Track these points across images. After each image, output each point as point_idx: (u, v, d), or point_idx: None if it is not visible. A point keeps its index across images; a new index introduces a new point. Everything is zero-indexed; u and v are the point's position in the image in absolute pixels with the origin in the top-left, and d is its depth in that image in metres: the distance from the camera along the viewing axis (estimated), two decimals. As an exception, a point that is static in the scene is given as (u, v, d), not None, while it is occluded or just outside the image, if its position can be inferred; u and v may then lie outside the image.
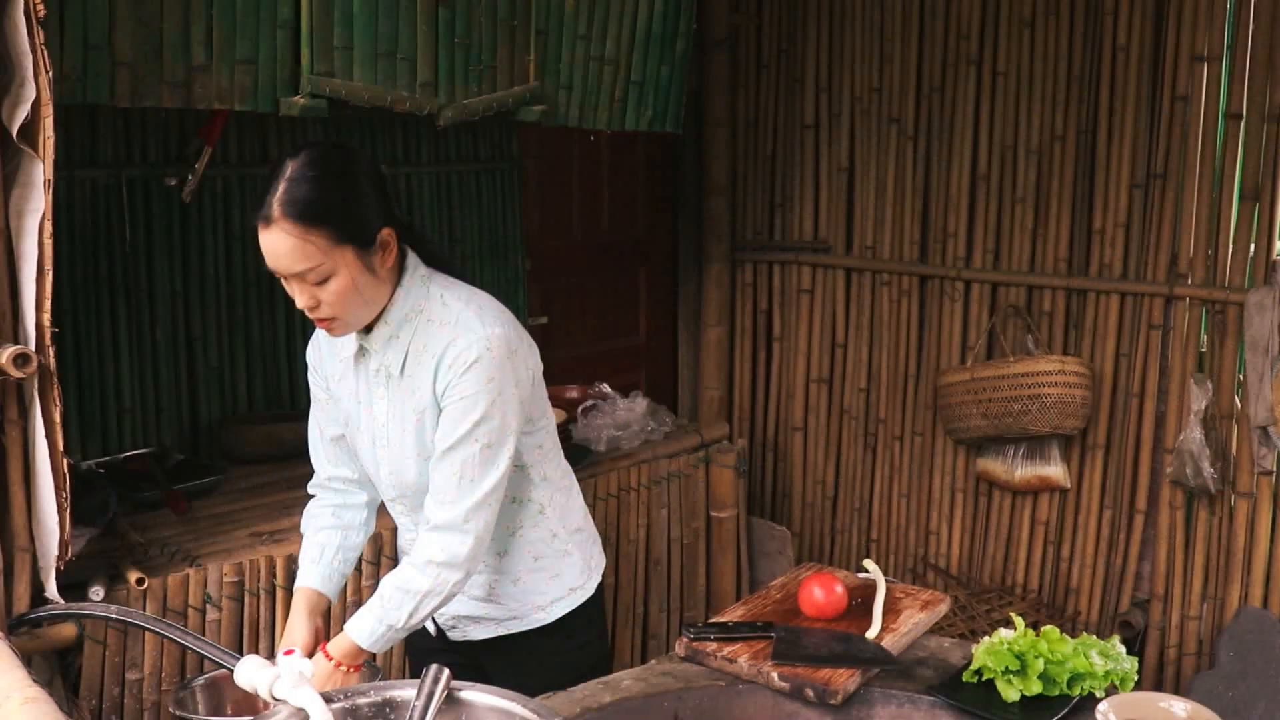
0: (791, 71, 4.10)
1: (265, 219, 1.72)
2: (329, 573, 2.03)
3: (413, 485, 1.96)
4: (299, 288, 1.78)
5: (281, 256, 1.73)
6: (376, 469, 2.01)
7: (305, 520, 2.12)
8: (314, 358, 2.07)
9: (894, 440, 4.01)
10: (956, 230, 3.77)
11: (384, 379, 1.93)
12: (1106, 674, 1.72)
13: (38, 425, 1.97)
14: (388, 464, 1.97)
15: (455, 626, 2.10)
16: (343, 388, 2.01)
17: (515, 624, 2.07)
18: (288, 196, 1.71)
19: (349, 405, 2.01)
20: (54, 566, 2.04)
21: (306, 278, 1.75)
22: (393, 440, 1.95)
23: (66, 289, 2.94)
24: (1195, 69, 3.21)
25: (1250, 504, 3.21)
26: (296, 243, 1.72)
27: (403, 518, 2.08)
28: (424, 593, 1.84)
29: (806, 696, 1.76)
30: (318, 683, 1.76)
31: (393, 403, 1.93)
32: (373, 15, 2.58)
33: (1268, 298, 3.07)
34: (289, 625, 1.98)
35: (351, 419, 2.01)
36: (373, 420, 1.96)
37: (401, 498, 2.02)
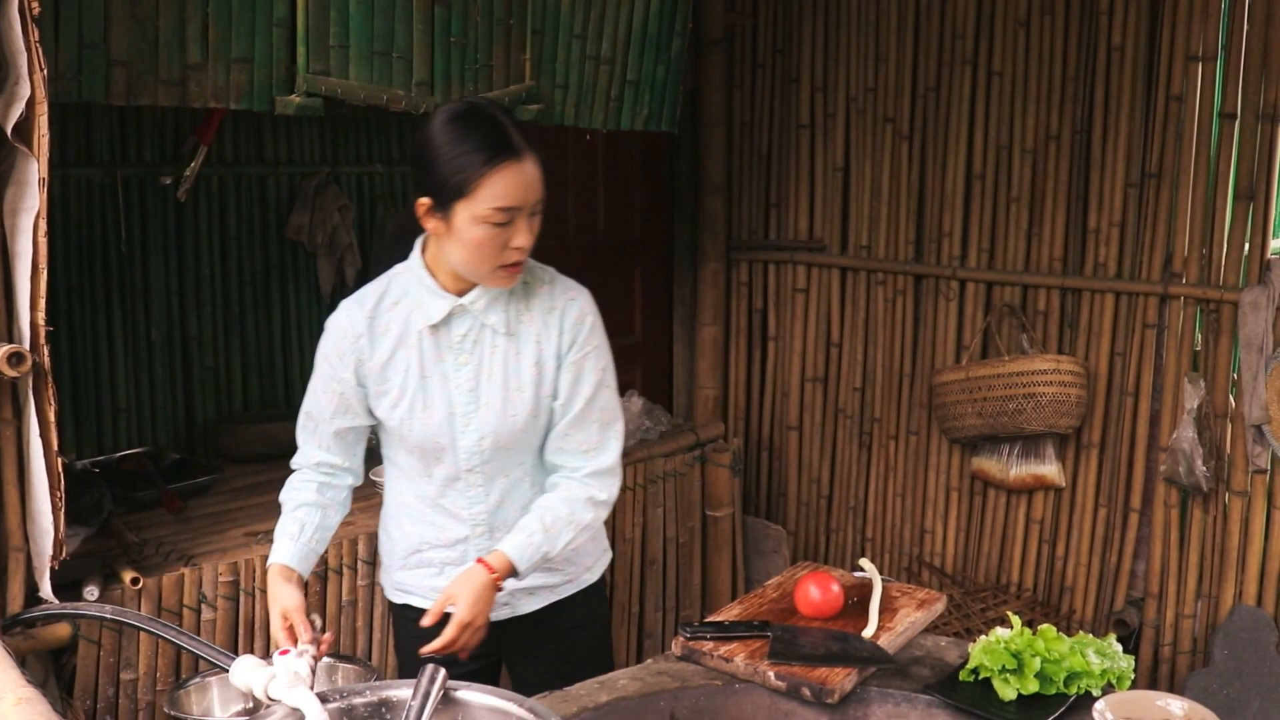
0: (787, 71, 4.10)
1: (517, 152, 1.83)
2: (305, 552, 1.99)
3: (510, 444, 1.98)
4: (525, 225, 1.86)
5: (532, 186, 1.85)
6: (453, 438, 1.97)
7: (286, 493, 2.07)
8: (345, 347, 1.97)
9: (889, 439, 4.01)
10: (951, 229, 3.77)
11: (480, 342, 1.96)
12: (1103, 673, 1.72)
13: (32, 424, 1.96)
14: (478, 429, 1.96)
15: (507, 603, 2.06)
16: (394, 368, 1.96)
17: (568, 588, 2.12)
18: (521, 131, 1.86)
19: (404, 383, 1.96)
20: (48, 566, 2.03)
21: (536, 210, 1.88)
22: (493, 402, 1.96)
23: (62, 288, 2.94)
24: (1190, 69, 3.22)
25: (1244, 502, 3.21)
26: (538, 172, 1.86)
27: (474, 489, 2.02)
28: (584, 525, 1.98)
29: (803, 695, 1.77)
30: (472, 595, 1.86)
31: (495, 363, 1.96)
32: (368, 14, 2.57)
33: (1262, 297, 3.08)
34: (276, 593, 1.89)
35: (405, 395, 1.96)
36: (452, 388, 1.96)
37: (483, 465, 2.00)
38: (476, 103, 1.90)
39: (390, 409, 1.98)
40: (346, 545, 2.63)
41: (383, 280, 2.02)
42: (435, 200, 1.85)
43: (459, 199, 1.82)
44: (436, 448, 1.99)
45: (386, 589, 2.19)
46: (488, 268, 1.88)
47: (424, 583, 2.09)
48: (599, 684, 1.81)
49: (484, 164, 1.80)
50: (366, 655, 2.70)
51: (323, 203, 3.38)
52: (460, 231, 1.84)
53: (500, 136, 1.82)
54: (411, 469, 2.05)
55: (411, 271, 1.98)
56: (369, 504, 2.85)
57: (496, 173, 1.80)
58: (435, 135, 1.85)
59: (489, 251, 1.85)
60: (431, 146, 1.85)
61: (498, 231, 1.83)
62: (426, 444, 1.98)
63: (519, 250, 1.87)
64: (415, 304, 1.96)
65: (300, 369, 3.50)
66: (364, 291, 2.01)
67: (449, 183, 1.82)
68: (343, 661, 2.49)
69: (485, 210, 1.81)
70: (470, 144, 1.81)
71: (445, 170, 1.82)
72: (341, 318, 1.99)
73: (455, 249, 1.88)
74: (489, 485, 2.02)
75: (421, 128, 1.90)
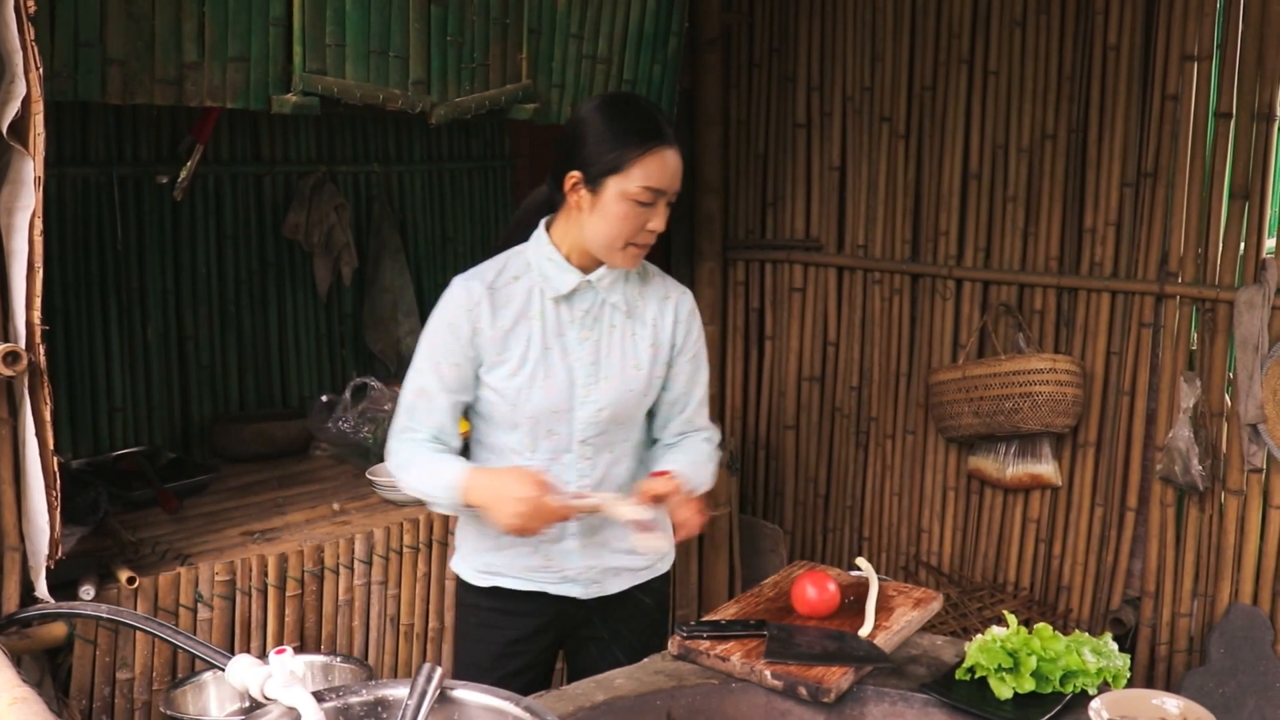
0: (783, 70, 4.10)
1: (669, 139, 1.96)
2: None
3: (625, 417, 2.09)
4: (663, 210, 1.98)
5: (676, 175, 1.98)
6: (570, 409, 2.04)
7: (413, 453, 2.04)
8: (462, 317, 2.02)
9: (886, 438, 4.02)
10: (948, 229, 3.78)
11: (600, 319, 2.06)
12: (1099, 671, 1.72)
13: (28, 423, 1.96)
14: (597, 401, 2.05)
15: (597, 581, 2.15)
16: (516, 338, 2.03)
17: (646, 573, 2.20)
18: (671, 124, 1.99)
19: (525, 353, 2.02)
20: (44, 565, 2.03)
21: (672, 200, 1.99)
22: (612, 376, 2.06)
23: (58, 287, 2.94)
24: (1185, 68, 3.22)
25: (1240, 501, 3.22)
26: (680, 165, 1.99)
27: (582, 461, 2.08)
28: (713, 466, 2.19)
29: (799, 695, 1.77)
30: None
31: (614, 340, 2.07)
32: (365, 13, 2.57)
33: (1257, 296, 3.08)
34: (507, 477, 1.93)
35: (526, 365, 2.02)
36: (573, 361, 2.04)
37: (597, 436, 2.08)
38: (631, 94, 2.05)
39: (509, 377, 2.03)
40: (344, 544, 2.63)
41: (499, 259, 2.09)
42: (586, 174, 1.96)
43: (612, 174, 1.93)
44: (553, 418, 2.04)
45: (467, 574, 2.18)
46: (620, 243, 1.98)
47: (517, 562, 2.12)
48: (595, 683, 1.81)
49: (640, 145, 1.92)
50: (363, 655, 2.70)
51: (319, 202, 3.38)
52: (605, 205, 1.95)
53: (655, 123, 1.96)
54: (513, 446, 2.08)
55: (536, 249, 2.06)
56: (365, 504, 2.85)
57: (650, 155, 1.93)
58: (594, 115, 1.97)
59: (628, 228, 1.96)
60: (590, 125, 1.97)
61: (640, 211, 1.95)
62: (542, 414, 2.04)
63: (652, 233, 1.99)
64: (540, 278, 2.04)
65: (297, 368, 3.50)
66: (480, 268, 2.08)
67: (604, 158, 1.94)
68: (339, 661, 2.50)
69: (635, 188, 1.93)
70: (628, 125, 1.94)
71: (602, 147, 1.94)
72: (458, 290, 2.04)
73: (595, 223, 1.98)
74: (596, 458, 2.09)
75: (578, 109, 2.05)
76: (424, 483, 2.02)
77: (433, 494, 2.01)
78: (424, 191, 3.76)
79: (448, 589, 2.84)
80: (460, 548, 2.21)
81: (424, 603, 2.81)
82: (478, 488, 1.95)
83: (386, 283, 3.59)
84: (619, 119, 1.96)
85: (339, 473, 3.11)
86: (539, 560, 2.10)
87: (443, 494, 1.99)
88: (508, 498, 1.90)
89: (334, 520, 2.74)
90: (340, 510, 2.80)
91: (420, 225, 3.75)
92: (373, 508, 2.83)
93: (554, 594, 2.13)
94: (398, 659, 2.77)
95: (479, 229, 3.91)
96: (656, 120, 1.97)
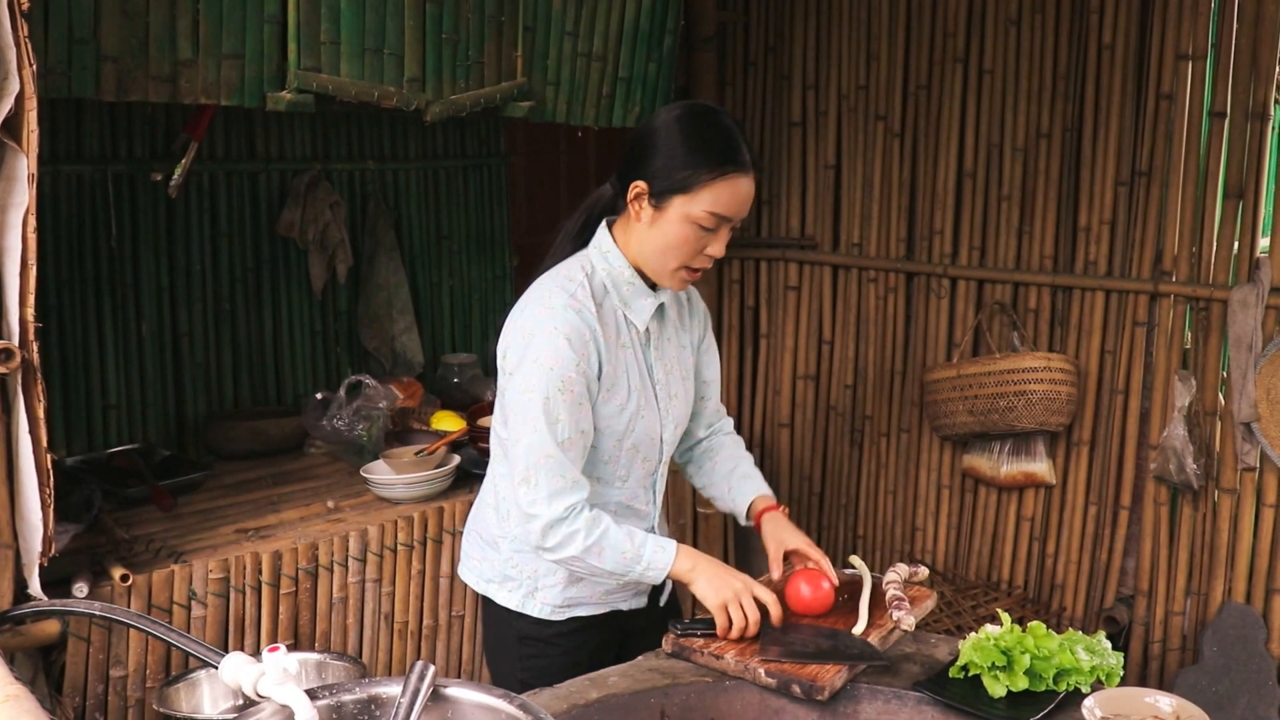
0: (779, 69, 4.10)
1: (745, 166, 1.86)
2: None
3: (680, 431, 2.12)
4: (724, 235, 1.90)
5: (746, 202, 1.89)
6: (659, 432, 2.03)
7: (597, 527, 1.88)
8: (591, 350, 1.88)
9: (880, 437, 4.02)
10: (943, 227, 3.78)
11: (662, 336, 2.05)
12: (1092, 669, 1.73)
13: (21, 421, 1.96)
14: (674, 420, 2.06)
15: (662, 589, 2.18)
16: (618, 369, 1.94)
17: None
18: (750, 148, 1.90)
19: (629, 383, 1.96)
20: (37, 563, 2.03)
21: (736, 226, 1.92)
22: (678, 392, 2.07)
23: (52, 284, 2.93)
24: (1180, 67, 3.22)
25: (1234, 500, 3.22)
26: (753, 192, 1.90)
27: (661, 481, 2.10)
28: None
29: (793, 693, 1.77)
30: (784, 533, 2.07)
31: (672, 355, 2.07)
32: (360, 10, 2.57)
33: (1251, 295, 3.09)
34: (724, 565, 1.95)
35: (633, 395, 1.96)
36: (654, 383, 2.02)
37: (668, 455, 2.10)
38: (714, 108, 1.92)
39: (619, 412, 1.94)
40: (338, 541, 2.63)
41: (576, 272, 1.95)
42: (652, 187, 1.87)
43: (679, 194, 1.85)
44: (649, 445, 2.02)
45: (541, 611, 2.05)
46: (673, 266, 1.91)
47: (597, 589, 2.06)
48: (589, 681, 1.81)
49: (714, 168, 1.83)
50: (357, 653, 2.70)
51: (314, 199, 3.38)
52: (666, 224, 1.87)
53: (733, 146, 1.85)
54: (600, 477, 2.00)
55: (611, 266, 1.95)
56: (360, 501, 2.85)
57: (723, 180, 1.84)
58: (672, 126, 1.87)
59: (685, 252, 1.88)
60: (662, 137, 1.87)
61: (700, 235, 1.87)
62: (641, 442, 2.00)
63: (709, 259, 1.91)
64: (621, 302, 1.96)
65: (292, 365, 3.49)
66: (569, 284, 1.92)
67: (674, 175, 1.84)
68: (333, 658, 2.50)
69: (700, 212, 1.84)
70: (705, 145, 1.84)
71: (674, 163, 1.85)
72: (573, 318, 1.87)
73: (653, 239, 1.89)
74: (664, 474, 2.11)
75: (653, 116, 1.93)
76: (618, 559, 1.89)
77: (626, 569, 1.90)
78: (419, 189, 3.76)
79: (442, 587, 2.84)
80: (523, 586, 2.05)
81: (418, 600, 2.81)
82: (693, 560, 1.92)
83: (381, 280, 3.59)
84: (696, 136, 1.85)
85: (333, 470, 3.11)
86: (613, 582, 2.01)
87: (646, 566, 1.90)
88: (726, 580, 1.90)
89: (328, 518, 2.74)
90: (334, 508, 2.80)
91: (415, 223, 3.75)
92: (367, 505, 2.83)
93: (625, 610, 2.12)
94: (392, 657, 2.77)
95: (474, 227, 3.91)
96: (735, 143, 1.86)
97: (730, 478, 2.21)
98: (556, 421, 1.84)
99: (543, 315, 1.87)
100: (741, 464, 2.24)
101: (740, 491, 2.20)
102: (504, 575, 2.08)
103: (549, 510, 1.85)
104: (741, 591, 1.88)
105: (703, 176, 1.83)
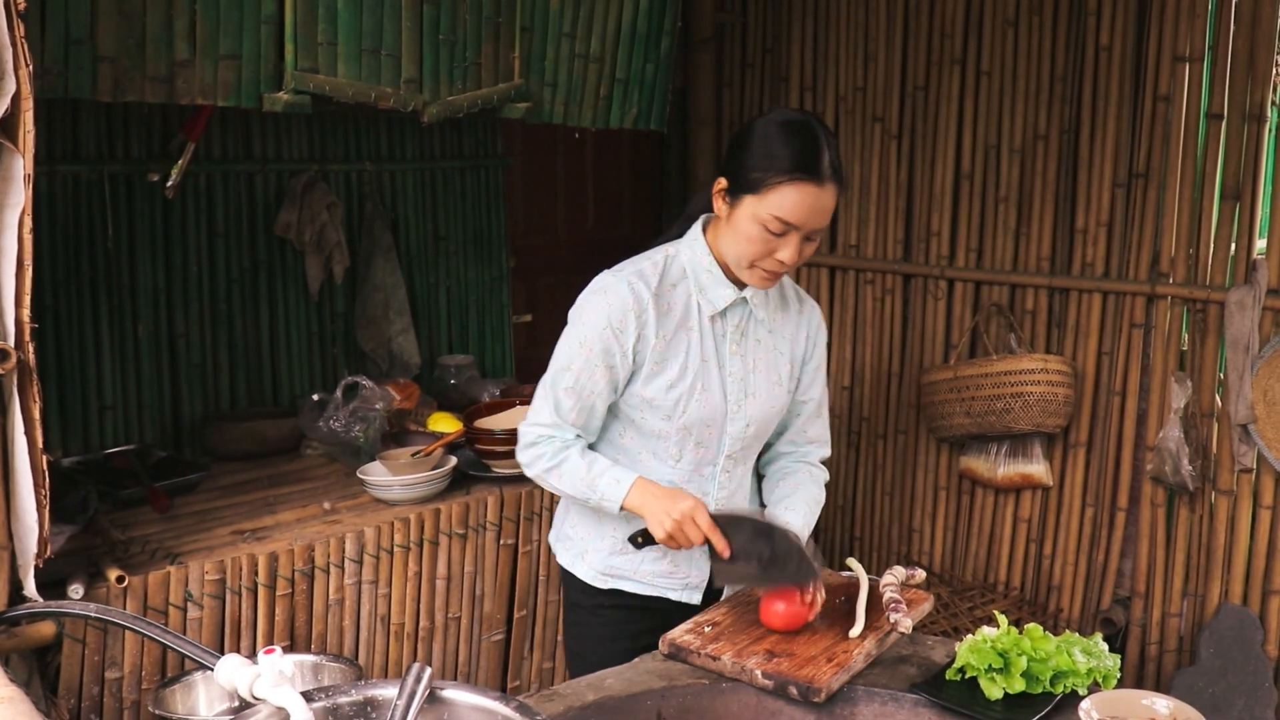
0: (776, 70, 4.10)
1: (819, 176, 1.86)
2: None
3: (765, 433, 2.13)
4: (796, 243, 1.90)
5: (818, 213, 1.89)
6: (722, 424, 2.05)
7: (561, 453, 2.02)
8: (629, 320, 1.97)
9: (877, 438, 4.02)
10: (940, 229, 3.78)
11: (747, 334, 2.06)
12: (1089, 671, 1.73)
13: (16, 422, 1.95)
14: (744, 417, 2.06)
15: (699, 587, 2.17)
16: (676, 348, 2.00)
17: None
18: (835, 158, 1.89)
19: (684, 363, 2.00)
20: (33, 564, 2.02)
21: (813, 236, 1.92)
22: (759, 392, 2.07)
23: (48, 285, 2.93)
24: (1177, 69, 3.23)
25: (1230, 501, 3.22)
26: (832, 203, 1.90)
27: (723, 475, 2.11)
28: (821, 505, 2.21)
29: (790, 694, 1.77)
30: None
31: (759, 355, 2.08)
32: (357, 11, 2.57)
33: (1248, 296, 3.09)
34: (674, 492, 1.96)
35: (686, 376, 2.00)
36: (726, 375, 2.04)
37: (740, 451, 2.10)
38: (811, 118, 1.93)
39: (667, 389, 2.01)
40: (334, 543, 2.63)
41: (657, 258, 2.04)
42: (731, 184, 1.93)
43: (750, 193, 1.89)
44: (704, 431, 2.04)
45: (585, 574, 2.17)
46: (745, 263, 1.95)
47: (642, 567, 2.13)
48: (586, 683, 1.81)
49: (784, 172, 1.86)
50: (353, 654, 2.70)
51: (311, 200, 3.38)
52: (738, 221, 1.92)
53: (813, 155, 1.86)
54: (652, 453, 2.07)
55: (694, 254, 2.03)
56: (356, 503, 2.84)
57: (791, 185, 1.86)
58: (762, 128, 1.91)
59: (753, 250, 1.92)
60: (750, 136, 1.92)
61: (768, 238, 1.90)
62: (694, 426, 2.03)
63: (780, 263, 1.93)
64: (697, 287, 2.02)
65: (288, 366, 3.49)
66: (640, 267, 2.02)
67: (748, 175, 1.89)
68: (329, 660, 2.50)
69: (766, 214, 1.88)
70: (783, 149, 1.87)
71: (749, 162, 1.89)
72: (623, 289, 1.97)
73: (728, 234, 1.96)
74: (733, 472, 2.12)
75: (755, 117, 1.98)
76: (576, 484, 2.00)
77: (584, 495, 2.01)
78: (416, 190, 3.75)
79: (439, 588, 2.84)
80: (576, 546, 2.18)
81: (415, 602, 2.80)
82: (642, 495, 1.96)
83: (378, 282, 3.58)
84: (780, 140, 1.88)
85: (330, 472, 3.10)
86: (666, 566, 2.12)
87: (601, 497, 1.98)
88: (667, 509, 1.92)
89: (325, 519, 2.74)
90: (331, 509, 2.80)
91: (412, 224, 3.75)
92: (363, 507, 2.83)
93: (675, 600, 2.14)
94: (388, 658, 2.77)
95: (471, 228, 3.91)
96: (818, 153, 1.87)
97: (779, 503, 2.17)
98: (567, 369, 2.00)
99: (602, 280, 2.02)
100: (798, 492, 2.17)
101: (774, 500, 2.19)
102: (564, 534, 2.22)
103: (529, 432, 2.05)
104: (684, 522, 1.92)
105: (773, 179, 1.86)
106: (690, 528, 1.92)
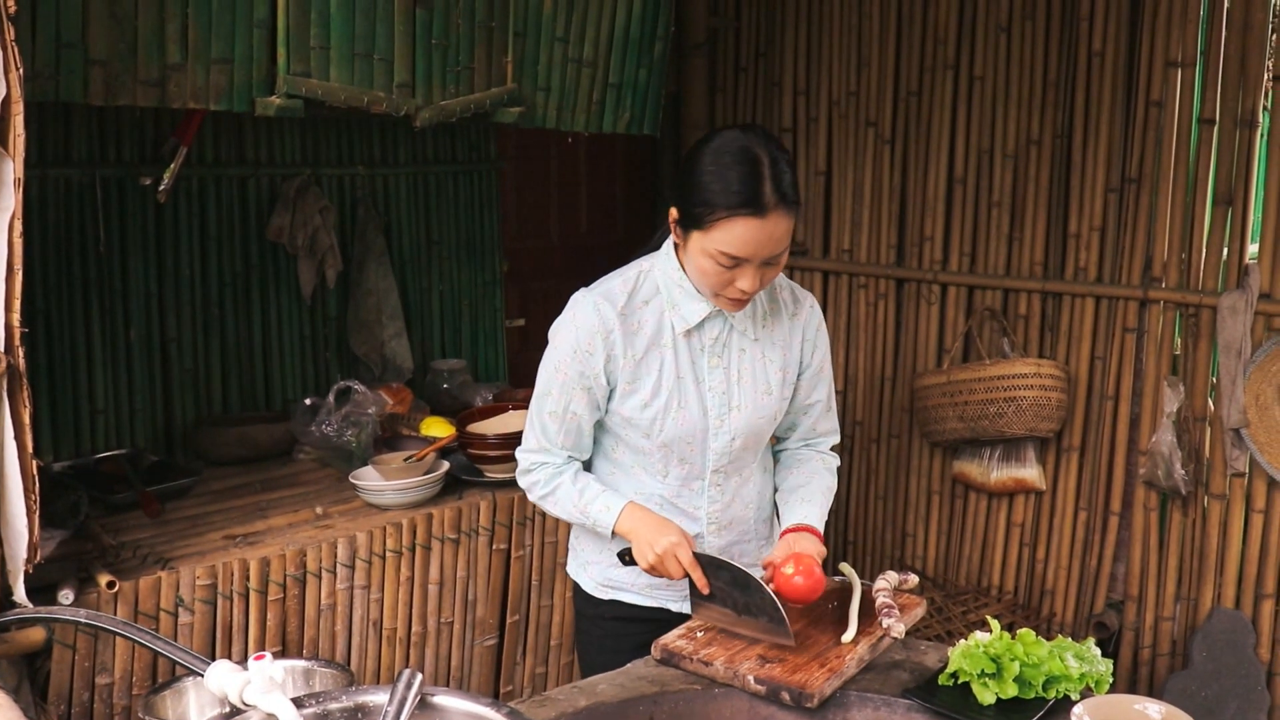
0: (769, 75, 4.11)
1: (763, 208, 1.80)
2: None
3: (753, 445, 2.08)
4: (753, 273, 1.86)
5: (768, 242, 1.83)
6: (704, 440, 2.03)
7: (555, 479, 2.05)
8: (597, 342, 1.96)
9: (870, 443, 4.02)
10: (933, 234, 3.79)
11: (729, 345, 2.02)
12: (1082, 676, 1.73)
13: (6, 426, 1.95)
14: (729, 432, 2.03)
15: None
16: (647, 366, 1.99)
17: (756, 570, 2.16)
18: (779, 183, 1.81)
19: (657, 381, 1.99)
20: (22, 569, 2.01)
21: (772, 261, 1.87)
22: (744, 404, 2.04)
23: (39, 289, 2.92)
24: (1169, 74, 3.23)
25: (1223, 505, 3.23)
26: (785, 226, 1.84)
27: (713, 488, 2.09)
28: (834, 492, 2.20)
29: (782, 700, 1.76)
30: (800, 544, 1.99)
31: (744, 366, 2.03)
32: (350, 15, 2.56)
33: (1240, 301, 3.10)
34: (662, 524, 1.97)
35: (660, 394, 1.99)
36: (706, 390, 2.01)
37: (728, 465, 2.07)
38: (753, 142, 1.84)
39: (641, 408, 2.00)
40: (326, 548, 2.62)
41: (629, 275, 2.02)
42: (680, 217, 1.91)
43: (695, 229, 1.86)
44: (686, 448, 2.03)
45: (587, 584, 2.19)
46: (710, 292, 1.94)
47: (639, 579, 2.13)
48: (578, 689, 1.81)
49: (726, 208, 1.81)
50: (345, 660, 2.69)
51: (303, 204, 3.37)
52: (691, 254, 1.90)
53: (752, 186, 1.80)
54: (642, 468, 2.07)
55: (665, 271, 2.00)
56: (348, 508, 2.84)
57: (735, 221, 1.81)
58: (702, 156, 1.86)
59: (711, 281, 1.90)
60: (692, 167, 1.87)
61: (722, 270, 1.87)
62: (675, 443, 2.02)
63: (742, 291, 1.89)
64: (669, 304, 1.99)
65: (280, 371, 3.48)
66: (609, 287, 2.00)
67: (692, 210, 1.85)
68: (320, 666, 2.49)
69: (713, 249, 1.84)
70: (720, 184, 1.81)
71: (694, 197, 1.85)
72: (589, 311, 1.97)
73: (687, 263, 1.94)
74: (725, 484, 2.10)
75: (698, 142, 1.90)
76: (570, 510, 2.04)
77: (579, 520, 2.04)
78: (409, 195, 3.75)
79: (430, 593, 2.83)
80: (580, 557, 2.21)
81: (406, 607, 2.80)
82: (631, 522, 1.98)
83: (371, 286, 3.58)
84: (717, 173, 1.81)
85: (322, 476, 3.09)
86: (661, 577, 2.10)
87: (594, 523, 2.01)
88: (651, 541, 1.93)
89: (316, 524, 2.73)
90: (323, 514, 2.79)
91: (405, 228, 3.74)
92: (355, 512, 2.82)
93: (675, 610, 2.14)
94: (380, 664, 2.76)
95: (464, 232, 3.91)
96: (758, 184, 1.80)
97: (794, 493, 2.16)
98: (548, 395, 2.02)
99: (574, 300, 2.02)
100: (813, 482, 2.16)
101: (791, 510, 2.16)
102: (573, 545, 2.25)
103: (523, 459, 2.09)
104: (665, 557, 1.93)
105: (715, 215, 1.81)
106: (671, 563, 1.92)
